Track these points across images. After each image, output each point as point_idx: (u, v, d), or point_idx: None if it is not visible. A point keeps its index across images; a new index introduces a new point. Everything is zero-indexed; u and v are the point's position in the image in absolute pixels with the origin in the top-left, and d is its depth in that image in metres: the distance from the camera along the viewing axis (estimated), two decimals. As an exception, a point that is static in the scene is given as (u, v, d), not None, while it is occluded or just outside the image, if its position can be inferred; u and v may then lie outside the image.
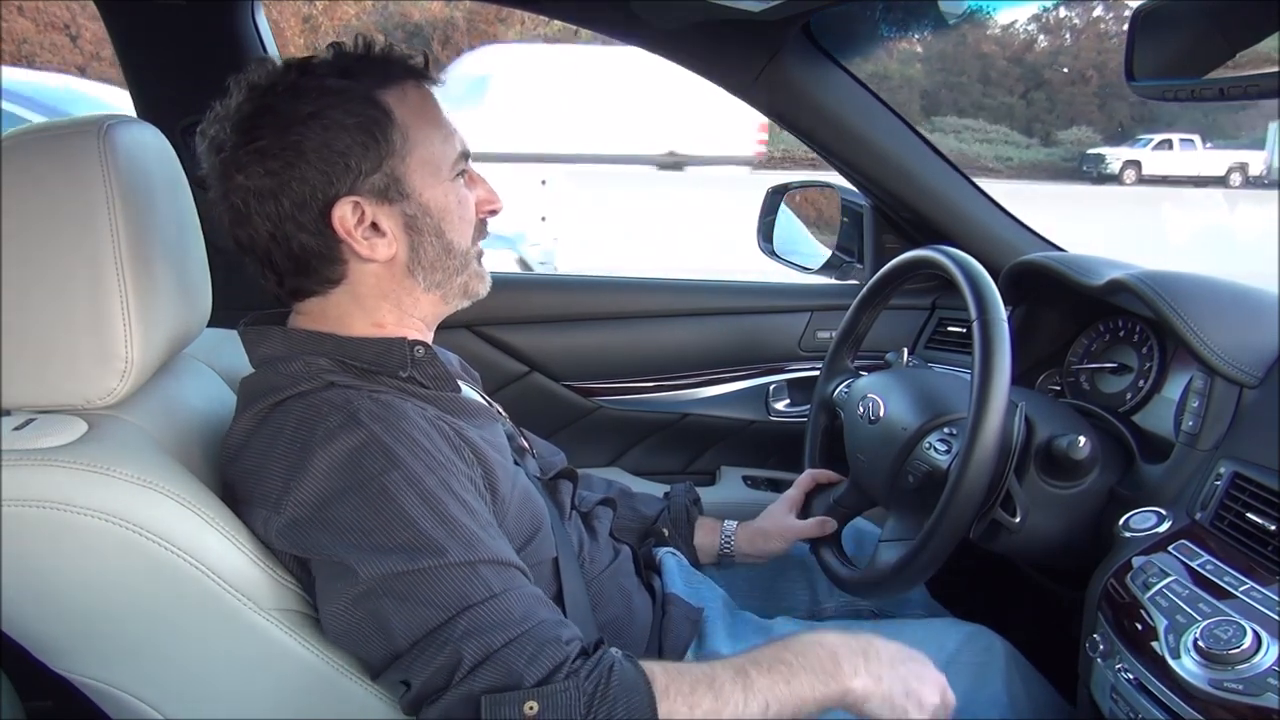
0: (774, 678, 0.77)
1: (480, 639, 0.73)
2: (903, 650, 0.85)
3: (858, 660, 0.81)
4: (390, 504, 0.76)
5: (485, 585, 0.76)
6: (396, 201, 0.87)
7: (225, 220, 0.87)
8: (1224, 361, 0.98)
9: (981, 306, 0.98)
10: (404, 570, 0.74)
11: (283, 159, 0.82)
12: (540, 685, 0.72)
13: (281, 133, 0.82)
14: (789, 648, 0.81)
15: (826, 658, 0.80)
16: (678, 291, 1.71)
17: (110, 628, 0.78)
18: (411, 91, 0.88)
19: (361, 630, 0.76)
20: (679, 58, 1.47)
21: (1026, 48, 25.55)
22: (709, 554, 1.25)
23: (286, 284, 0.89)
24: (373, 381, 0.86)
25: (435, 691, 0.73)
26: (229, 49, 1.45)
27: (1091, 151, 19.96)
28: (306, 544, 0.78)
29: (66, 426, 0.77)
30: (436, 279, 0.91)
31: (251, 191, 0.83)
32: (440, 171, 0.89)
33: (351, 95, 0.84)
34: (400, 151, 0.86)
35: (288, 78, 0.84)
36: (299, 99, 0.83)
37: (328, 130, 0.82)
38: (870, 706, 0.80)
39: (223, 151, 0.84)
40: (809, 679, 0.78)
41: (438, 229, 0.89)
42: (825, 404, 1.33)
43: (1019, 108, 24.01)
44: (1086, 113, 23.60)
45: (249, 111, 0.83)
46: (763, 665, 0.78)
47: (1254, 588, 0.81)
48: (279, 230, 0.85)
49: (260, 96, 0.84)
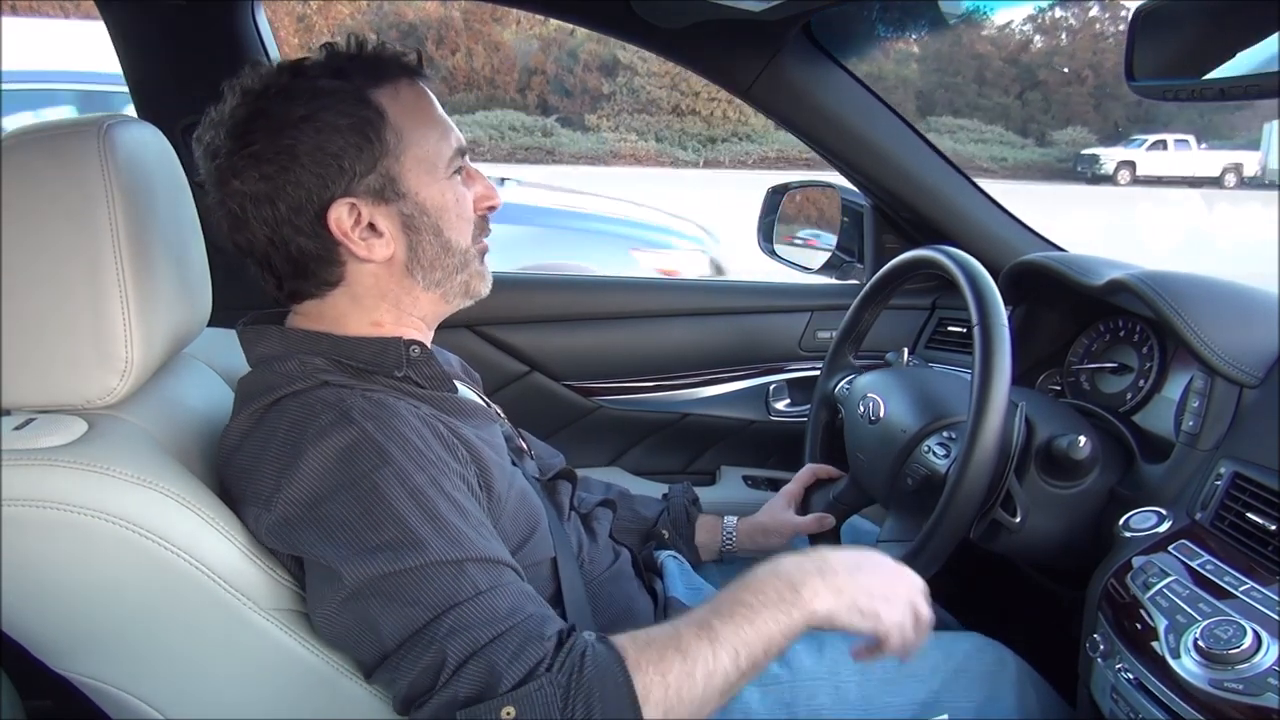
0: (737, 622, 0.76)
1: (464, 636, 0.72)
2: (857, 555, 0.84)
3: (814, 581, 0.79)
4: (380, 501, 0.76)
5: (471, 583, 0.75)
6: (393, 201, 0.86)
7: (223, 225, 0.87)
8: (1224, 361, 0.98)
9: (983, 310, 0.98)
10: (391, 570, 0.74)
11: (277, 163, 0.82)
12: (516, 688, 0.70)
13: (274, 137, 0.82)
14: (747, 588, 0.78)
15: (785, 588, 0.78)
16: (678, 291, 1.71)
17: (109, 627, 0.78)
18: (405, 89, 0.88)
19: (351, 631, 0.76)
20: (679, 58, 1.47)
21: (1022, 48, 25.61)
22: (711, 551, 1.26)
23: (285, 287, 0.89)
24: (368, 381, 0.86)
25: (423, 693, 0.73)
26: (229, 49, 1.45)
27: (1086, 152, 20.02)
28: (296, 542, 0.78)
29: (66, 426, 0.77)
30: (436, 277, 0.91)
31: (248, 196, 0.83)
32: (436, 169, 0.88)
33: (344, 96, 0.84)
34: (395, 151, 0.85)
35: (280, 80, 0.84)
36: (291, 102, 0.83)
37: (320, 133, 0.82)
38: (840, 621, 0.79)
39: (218, 157, 0.84)
40: (771, 614, 0.76)
41: (435, 227, 0.89)
42: (826, 400, 1.34)
43: (1014, 108, 24.06)
44: (1082, 113, 23.65)
45: (242, 116, 0.83)
46: (723, 613, 0.76)
47: (1254, 588, 0.81)
48: (276, 234, 0.85)
49: (253, 100, 0.83)
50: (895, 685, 1.02)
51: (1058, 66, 24.42)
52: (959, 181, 1.55)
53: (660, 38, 1.40)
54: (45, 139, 0.78)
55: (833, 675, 1.02)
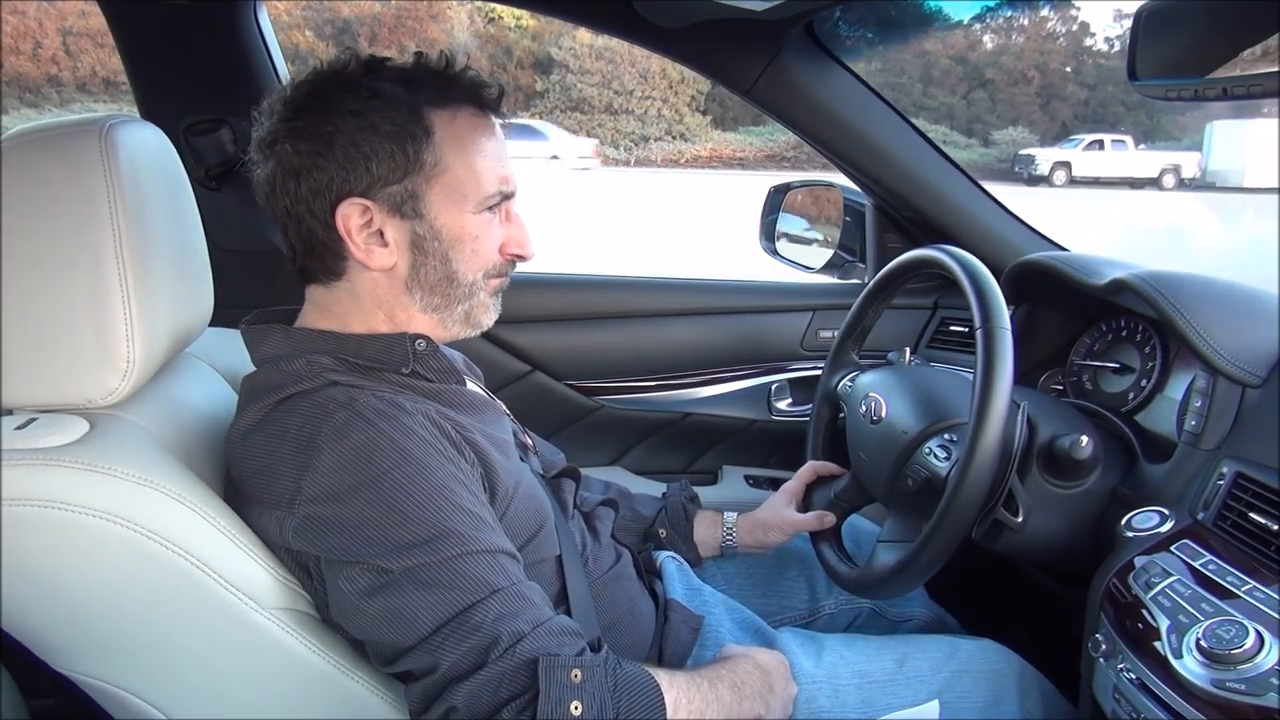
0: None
1: (511, 622, 0.75)
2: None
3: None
4: (406, 497, 0.77)
5: (505, 572, 0.79)
6: (409, 218, 0.87)
7: (257, 185, 0.88)
8: (1227, 361, 0.98)
9: (986, 314, 0.97)
10: (427, 561, 0.76)
11: (312, 145, 0.84)
12: (579, 654, 0.76)
13: (320, 120, 0.83)
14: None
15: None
16: (680, 291, 1.71)
17: (111, 627, 0.78)
18: (465, 117, 0.88)
19: (379, 620, 0.77)
20: (681, 57, 1.47)
21: (970, 47, 25.41)
22: (711, 547, 1.26)
23: (298, 261, 0.90)
24: (376, 380, 0.86)
25: (466, 673, 0.74)
26: (231, 49, 1.45)
27: (1023, 152, 19.86)
28: (324, 542, 0.78)
29: (68, 426, 0.77)
30: (435, 302, 0.91)
31: (281, 164, 0.85)
32: (466, 201, 0.88)
33: (399, 104, 0.84)
34: (428, 172, 0.86)
35: (351, 71, 0.86)
36: (349, 93, 0.84)
37: (362, 130, 0.83)
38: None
39: (269, 120, 0.86)
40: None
41: (444, 255, 0.89)
42: (829, 396, 1.33)
43: (960, 108, 23.95)
44: (1028, 113, 23.50)
45: (304, 91, 0.85)
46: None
47: (1256, 587, 0.81)
48: (294, 209, 0.86)
49: (321, 80, 0.85)
50: (895, 687, 1.02)
51: (1004, 66, 24.14)
52: (961, 181, 1.55)
53: (661, 37, 1.40)
54: (47, 138, 0.78)
55: (831, 678, 1.02)
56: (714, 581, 1.22)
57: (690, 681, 0.85)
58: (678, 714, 0.80)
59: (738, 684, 0.89)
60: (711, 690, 0.85)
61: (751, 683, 0.91)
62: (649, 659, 1.03)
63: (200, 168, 1.41)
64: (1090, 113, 20.72)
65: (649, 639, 1.05)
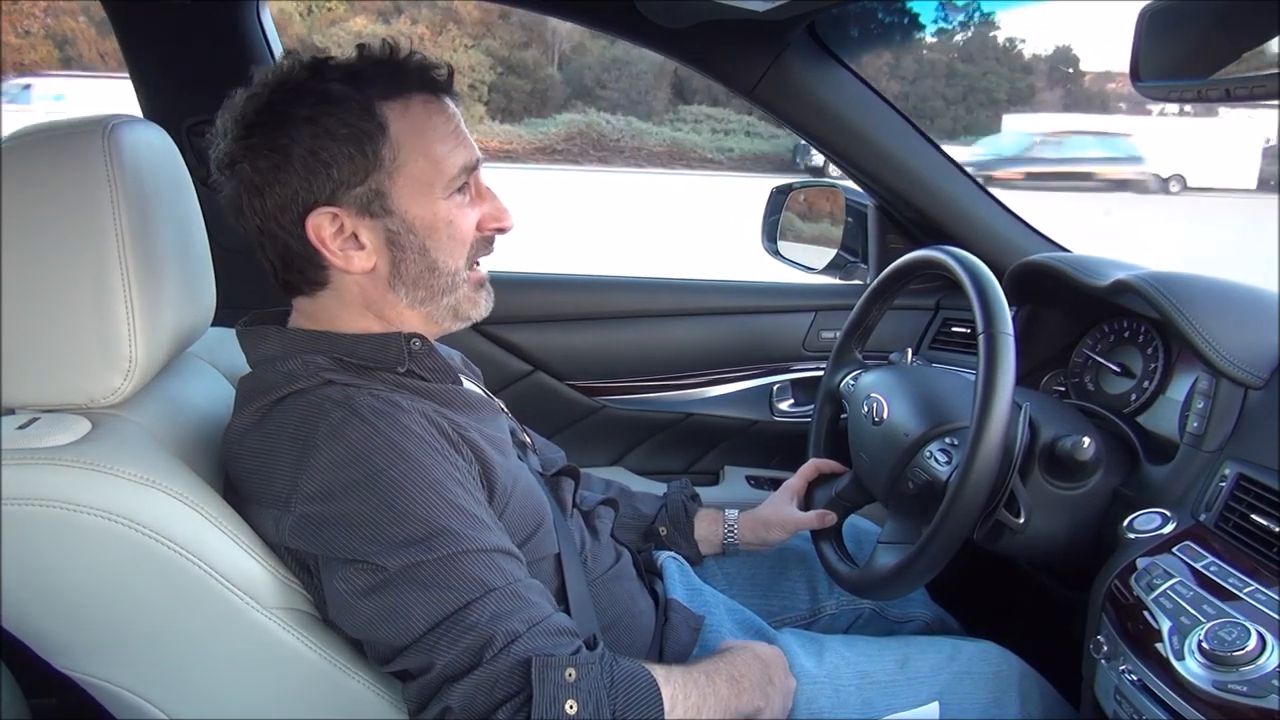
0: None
1: (506, 622, 0.75)
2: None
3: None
4: (402, 495, 0.77)
5: (502, 571, 0.78)
6: (379, 216, 0.86)
7: (225, 207, 0.87)
8: (1229, 363, 0.98)
9: (988, 319, 0.97)
10: (423, 559, 0.75)
11: (270, 160, 0.82)
12: (575, 653, 0.76)
13: (274, 133, 0.82)
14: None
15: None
16: (682, 291, 1.71)
17: (112, 626, 0.78)
18: (417, 105, 0.86)
19: (375, 619, 0.77)
20: (683, 57, 1.47)
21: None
22: (712, 544, 1.25)
23: (280, 277, 0.90)
24: (371, 379, 0.86)
25: (462, 672, 0.74)
26: (234, 48, 1.46)
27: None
28: (320, 540, 0.78)
29: (70, 425, 0.77)
30: (420, 296, 0.90)
31: (242, 184, 0.84)
32: (432, 189, 0.87)
33: (350, 104, 0.83)
34: (389, 167, 0.84)
35: (297, 77, 0.84)
36: (299, 101, 0.82)
37: (317, 138, 0.82)
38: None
39: (224, 140, 0.85)
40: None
41: (422, 247, 0.88)
42: (831, 395, 1.33)
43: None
44: None
45: (253, 106, 0.84)
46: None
47: (1258, 589, 0.81)
48: (265, 226, 0.85)
49: (268, 93, 0.84)
50: (896, 688, 1.02)
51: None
52: (963, 182, 1.55)
53: (663, 37, 1.40)
54: (49, 138, 0.78)
55: (833, 679, 1.02)
56: (715, 582, 1.22)
57: (687, 676, 0.84)
58: (675, 709, 0.80)
59: (736, 676, 0.89)
60: (709, 684, 0.85)
61: (750, 675, 0.91)
62: (649, 659, 1.03)
63: (203, 167, 1.40)
64: (910, 107, 20.68)
65: (649, 638, 1.05)
